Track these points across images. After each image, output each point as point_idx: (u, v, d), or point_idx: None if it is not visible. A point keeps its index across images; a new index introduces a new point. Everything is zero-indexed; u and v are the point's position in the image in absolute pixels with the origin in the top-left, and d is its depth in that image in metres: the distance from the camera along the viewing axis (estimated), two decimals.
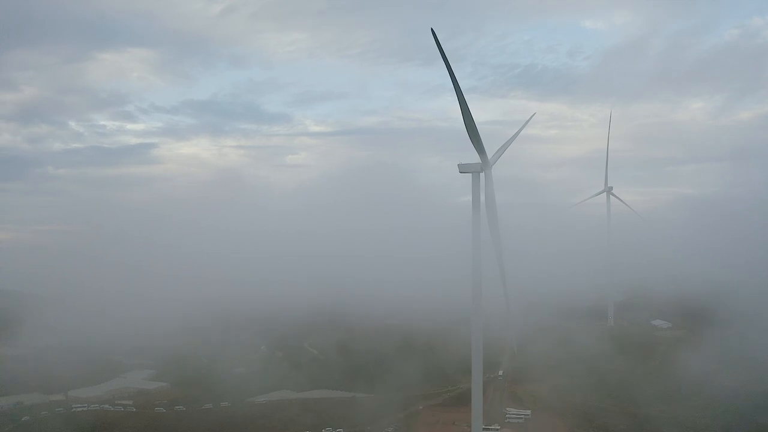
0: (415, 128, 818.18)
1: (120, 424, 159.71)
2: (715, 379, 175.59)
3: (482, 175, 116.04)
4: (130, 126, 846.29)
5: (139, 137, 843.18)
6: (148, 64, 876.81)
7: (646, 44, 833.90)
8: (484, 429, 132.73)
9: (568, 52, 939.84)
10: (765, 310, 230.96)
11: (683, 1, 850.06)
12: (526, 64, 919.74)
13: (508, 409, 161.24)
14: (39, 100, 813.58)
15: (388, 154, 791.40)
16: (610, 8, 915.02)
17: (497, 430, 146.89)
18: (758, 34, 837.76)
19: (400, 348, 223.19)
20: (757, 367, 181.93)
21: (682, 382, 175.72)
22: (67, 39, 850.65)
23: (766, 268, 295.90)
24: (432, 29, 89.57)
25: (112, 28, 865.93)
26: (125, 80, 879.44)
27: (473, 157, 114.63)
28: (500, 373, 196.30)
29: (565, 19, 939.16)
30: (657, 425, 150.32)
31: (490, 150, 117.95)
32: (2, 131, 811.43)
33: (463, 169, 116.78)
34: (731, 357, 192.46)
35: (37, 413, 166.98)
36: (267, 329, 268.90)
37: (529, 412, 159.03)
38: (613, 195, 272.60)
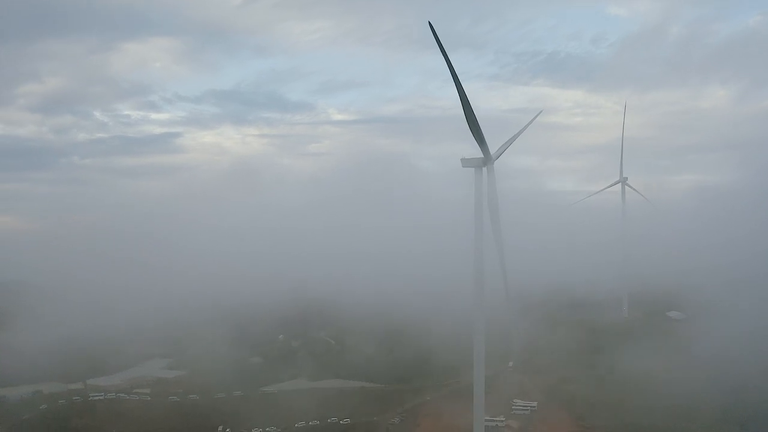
0: (439, 116, 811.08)
1: (133, 413, 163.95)
2: (719, 376, 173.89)
3: (485, 170, 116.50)
4: (154, 115, 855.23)
5: (163, 127, 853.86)
6: (171, 54, 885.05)
7: (667, 30, 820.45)
8: (488, 420, 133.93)
9: (592, 38, 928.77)
10: None
11: None
12: (550, 51, 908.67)
13: (514, 400, 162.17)
14: (64, 91, 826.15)
15: (409, 142, 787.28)
16: None
17: (502, 421, 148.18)
18: None
19: (408, 340, 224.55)
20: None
21: (688, 377, 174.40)
22: (91, 29, 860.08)
23: None
24: (430, 23, 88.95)
25: (136, 18, 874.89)
26: (149, 70, 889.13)
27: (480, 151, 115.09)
28: (510, 364, 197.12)
29: (590, 4, 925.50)
30: (664, 420, 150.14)
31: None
32: (28, 122, 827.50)
33: (465, 164, 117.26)
34: (738, 352, 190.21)
35: (54, 402, 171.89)
36: (284, 319, 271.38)
37: (535, 403, 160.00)
38: (628, 185, 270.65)
